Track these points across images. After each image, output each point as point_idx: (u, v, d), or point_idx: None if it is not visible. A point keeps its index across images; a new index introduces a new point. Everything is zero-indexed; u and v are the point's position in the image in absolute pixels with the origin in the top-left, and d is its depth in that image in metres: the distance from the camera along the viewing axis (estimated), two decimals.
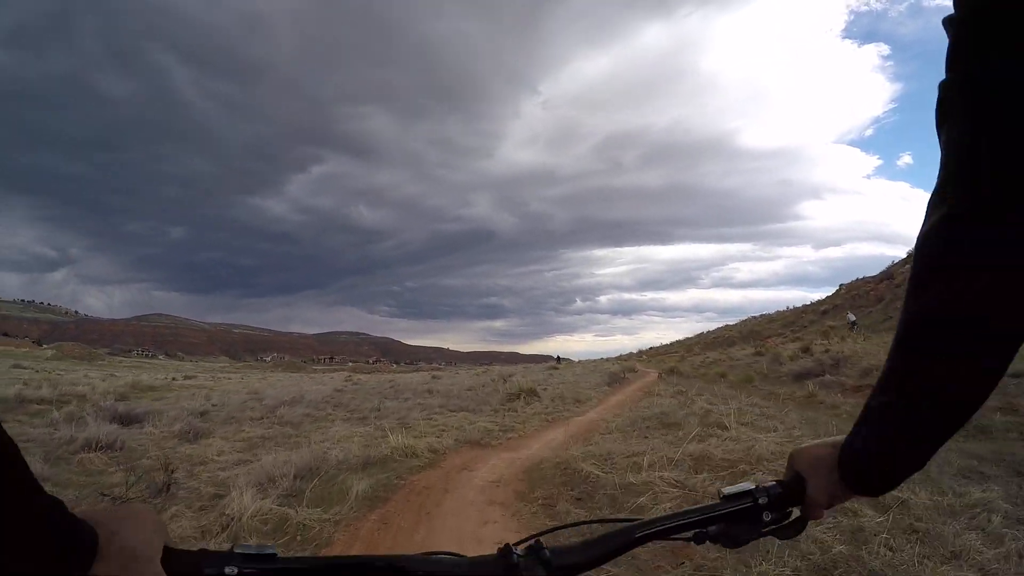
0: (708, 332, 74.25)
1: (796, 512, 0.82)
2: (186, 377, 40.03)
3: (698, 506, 0.81)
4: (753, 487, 0.81)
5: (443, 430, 9.06)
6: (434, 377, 33.19)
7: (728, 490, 0.81)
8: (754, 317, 75.37)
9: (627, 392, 16.26)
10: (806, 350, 24.61)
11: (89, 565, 0.54)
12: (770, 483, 0.81)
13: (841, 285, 64.18)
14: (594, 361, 56.49)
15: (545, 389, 15.93)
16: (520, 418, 10.63)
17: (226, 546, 0.77)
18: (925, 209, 0.68)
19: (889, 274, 53.96)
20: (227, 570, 0.64)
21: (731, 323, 76.50)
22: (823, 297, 63.67)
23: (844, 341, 26.99)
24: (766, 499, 0.79)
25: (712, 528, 0.79)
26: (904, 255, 59.94)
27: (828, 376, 14.72)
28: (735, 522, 0.80)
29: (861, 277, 60.82)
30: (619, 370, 25.28)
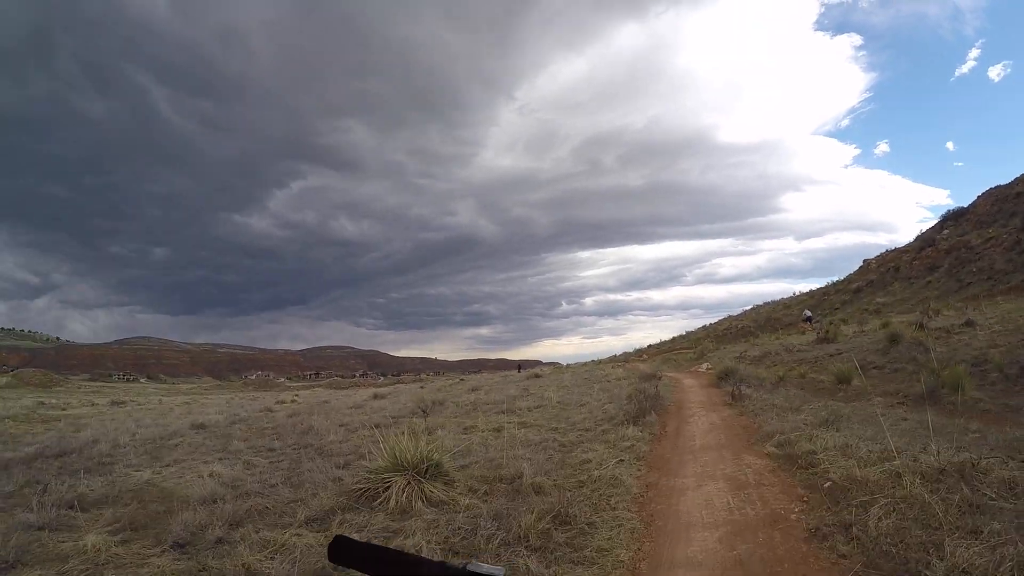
0: (714, 325, 65.12)
1: None
2: (114, 403, 31.01)
3: None
4: None
5: None
6: (376, 396, 25.44)
7: None
8: (763, 305, 66.50)
9: (706, 444, 7.00)
10: (920, 325, 15.90)
11: None
12: None
13: (866, 260, 56.21)
14: (585, 365, 47.15)
15: (499, 435, 6.87)
16: None
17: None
18: None
19: (930, 240, 45.73)
20: None
21: (733, 315, 67.58)
22: (842, 277, 55.33)
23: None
24: None
25: None
26: (937, 220, 52.15)
27: None
28: None
29: (891, 249, 52.59)
30: (637, 381, 16.25)
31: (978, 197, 50.87)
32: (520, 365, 66.63)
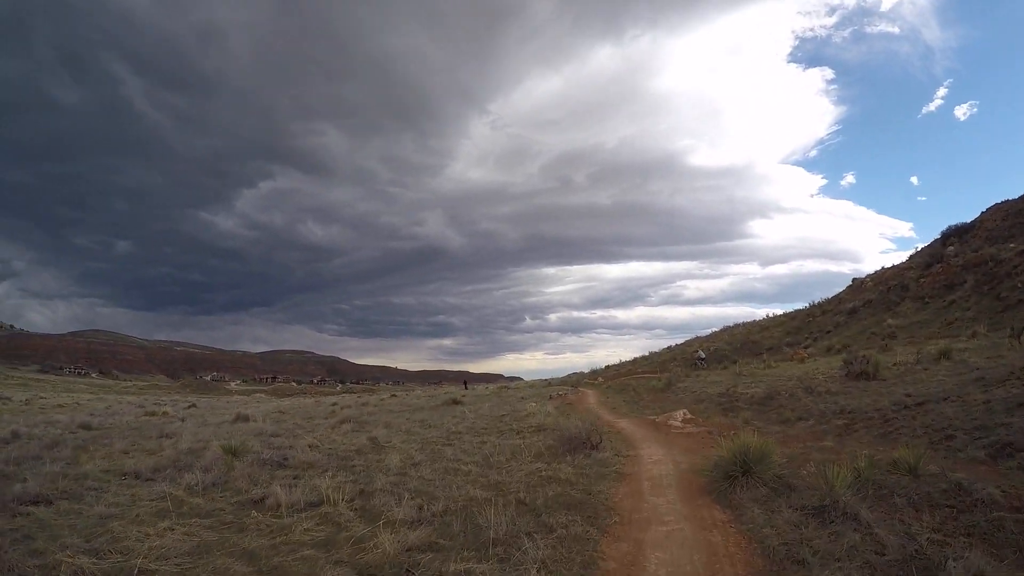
0: (681, 346, 57.31)
1: None
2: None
3: None
4: None
5: None
6: (238, 418, 20.13)
7: None
8: (735, 326, 58.75)
9: None
10: None
11: None
12: None
13: (855, 279, 50.01)
14: (532, 385, 40.18)
15: None
16: None
17: None
18: None
19: (937, 256, 39.55)
20: None
21: (702, 335, 59.77)
22: (827, 297, 48.75)
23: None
24: None
25: None
26: (935, 238, 46.13)
27: None
28: None
29: (888, 266, 46.69)
30: (555, 442, 8.46)
31: (983, 213, 45.14)
32: (466, 382, 62.68)
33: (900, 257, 49.64)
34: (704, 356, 40.08)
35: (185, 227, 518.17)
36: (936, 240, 45.02)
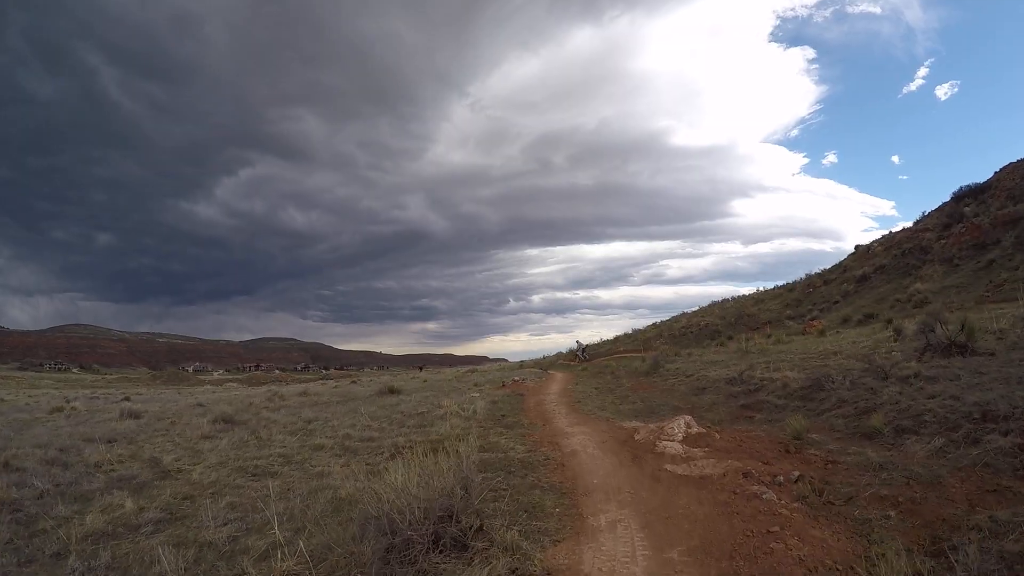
0: (668, 322, 52.23)
1: None
2: None
3: None
4: None
5: None
6: (124, 414, 16.71)
7: None
8: (725, 301, 53.57)
9: None
10: None
11: None
12: None
13: (858, 247, 45.99)
14: (501, 368, 35.86)
15: None
16: None
17: None
18: None
19: (956, 216, 35.37)
20: None
21: (688, 312, 54.69)
22: (833, 264, 44.84)
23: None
24: None
25: None
26: (950, 198, 41.72)
27: None
28: None
29: (901, 228, 42.72)
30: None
31: (998, 172, 41.09)
32: (422, 366, 59.11)
33: (880, 236, 45.89)
34: (585, 346, 35.98)
35: (165, 217, 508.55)
36: (947, 202, 40.85)
